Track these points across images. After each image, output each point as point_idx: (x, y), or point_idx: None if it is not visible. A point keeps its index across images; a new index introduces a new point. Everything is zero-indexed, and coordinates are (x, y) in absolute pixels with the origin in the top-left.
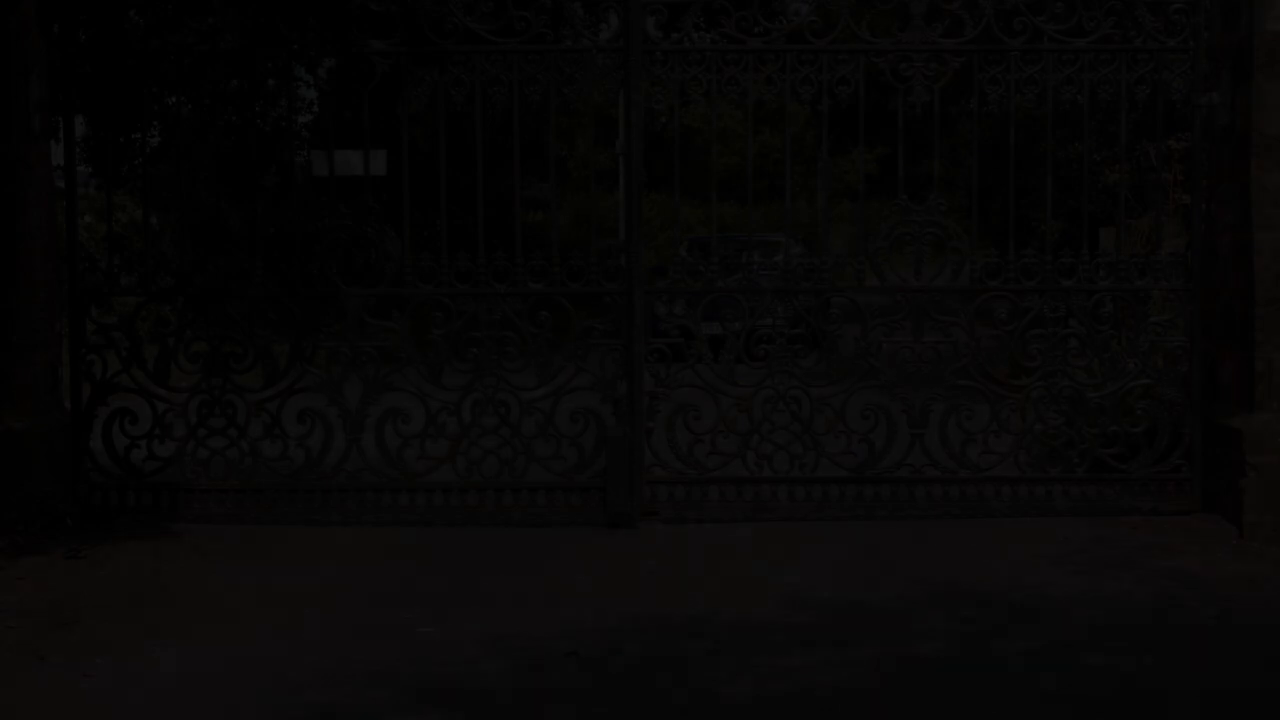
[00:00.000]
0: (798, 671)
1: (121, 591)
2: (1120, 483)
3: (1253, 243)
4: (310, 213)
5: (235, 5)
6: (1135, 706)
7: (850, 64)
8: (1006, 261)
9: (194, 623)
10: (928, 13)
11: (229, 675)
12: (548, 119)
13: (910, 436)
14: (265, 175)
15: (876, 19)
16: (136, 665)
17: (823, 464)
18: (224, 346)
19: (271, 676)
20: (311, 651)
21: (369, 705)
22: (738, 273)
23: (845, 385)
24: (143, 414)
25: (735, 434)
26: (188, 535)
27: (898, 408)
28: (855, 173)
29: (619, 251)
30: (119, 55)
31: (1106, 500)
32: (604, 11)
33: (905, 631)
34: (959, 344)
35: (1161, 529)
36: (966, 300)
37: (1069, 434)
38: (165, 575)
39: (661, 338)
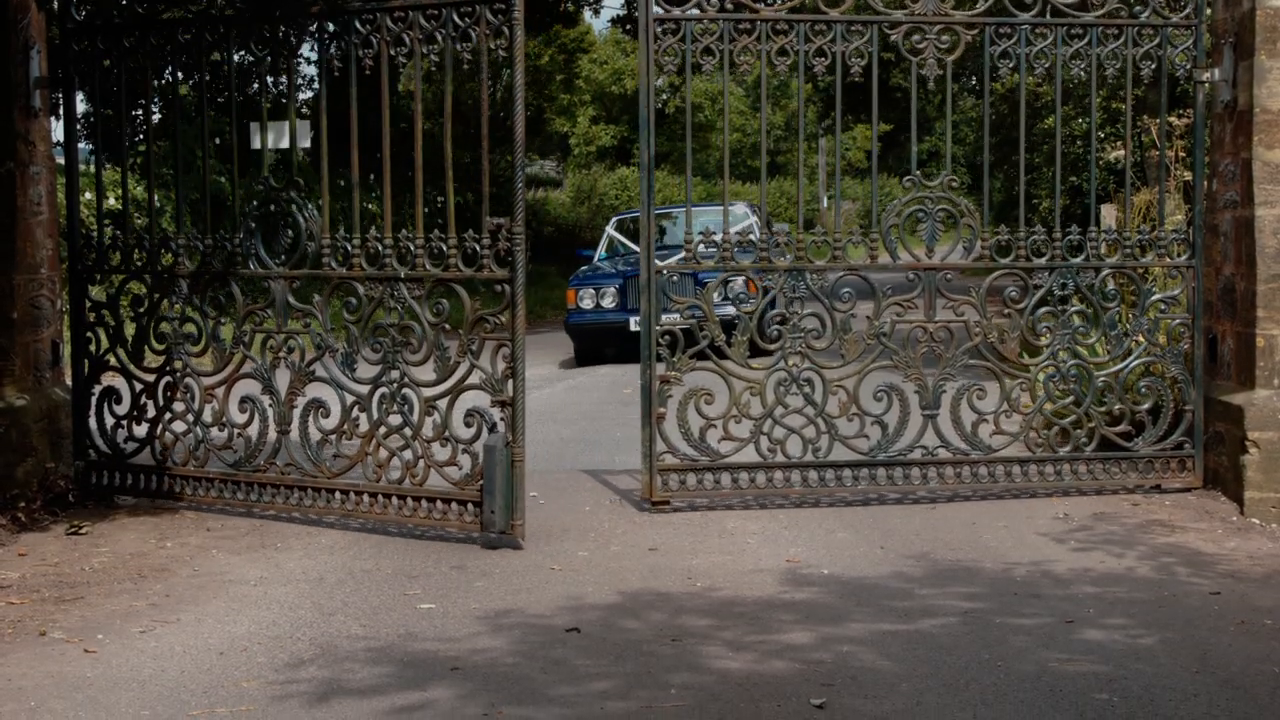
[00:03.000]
0: (797, 649)
1: (123, 568)
2: (1127, 460)
3: (1254, 219)
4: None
5: None
6: (1135, 682)
7: (864, 35)
8: (1016, 238)
9: (196, 600)
10: None
11: (232, 651)
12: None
13: (923, 418)
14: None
15: None
16: (139, 642)
17: (836, 448)
18: (182, 327)
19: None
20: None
21: None
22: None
23: (859, 366)
24: (125, 394)
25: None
26: (189, 513)
27: (911, 388)
28: (856, 150)
29: (511, 233)
30: (117, 30)
31: (1114, 478)
32: None
33: (907, 609)
34: (970, 323)
35: (1162, 506)
36: (977, 279)
37: (1077, 413)
38: (167, 552)
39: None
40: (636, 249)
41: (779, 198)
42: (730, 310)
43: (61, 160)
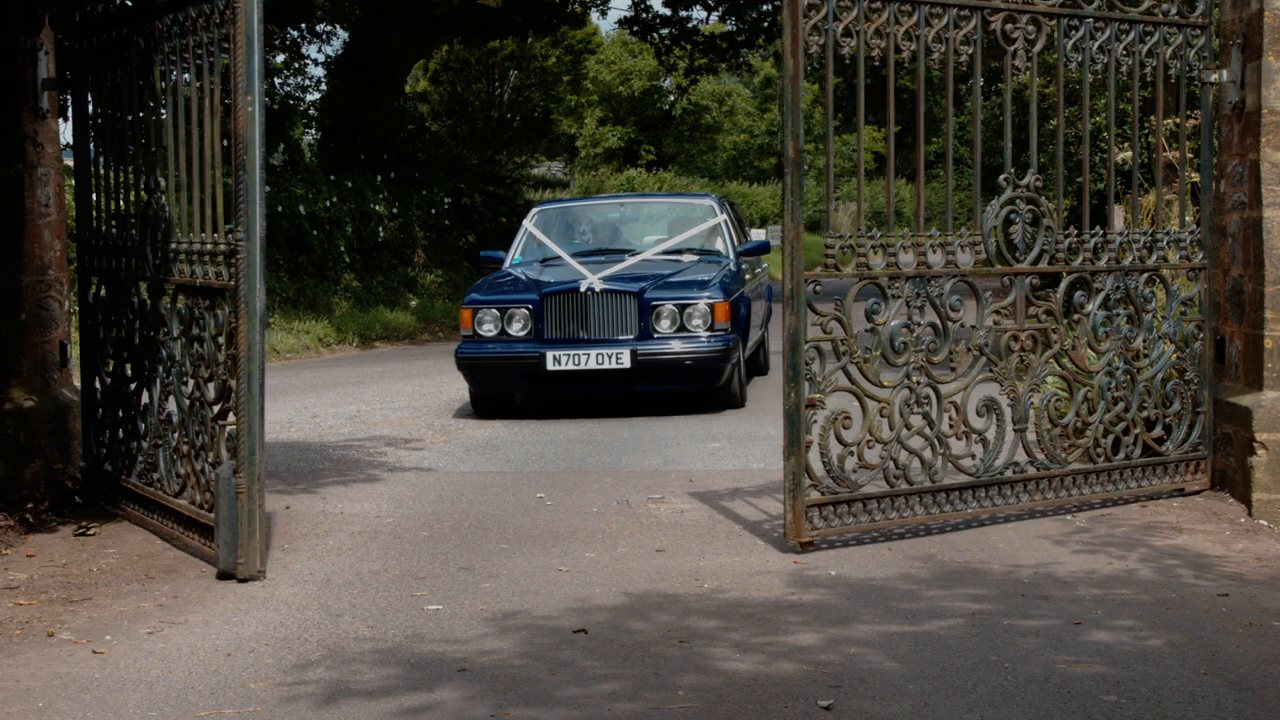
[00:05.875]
0: (804, 651)
1: (131, 569)
2: (1160, 465)
3: (1262, 220)
4: None
5: None
6: (1143, 684)
7: (970, 21)
8: (1083, 241)
9: (204, 601)
10: None
11: (239, 653)
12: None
13: (1014, 432)
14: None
15: None
16: (146, 643)
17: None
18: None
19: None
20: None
21: None
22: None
23: (967, 380)
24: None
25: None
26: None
27: (1005, 401)
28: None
29: (237, 240)
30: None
31: (1152, 484)
32: None
33: (914, 610)
34: (1050, 330)
35: (1169, 507)
36: (1053, 282)
37: (1126, 420)
38: (175, 554)
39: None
40: (562, 253)
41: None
42: (677, 346)
43: (69, 162)
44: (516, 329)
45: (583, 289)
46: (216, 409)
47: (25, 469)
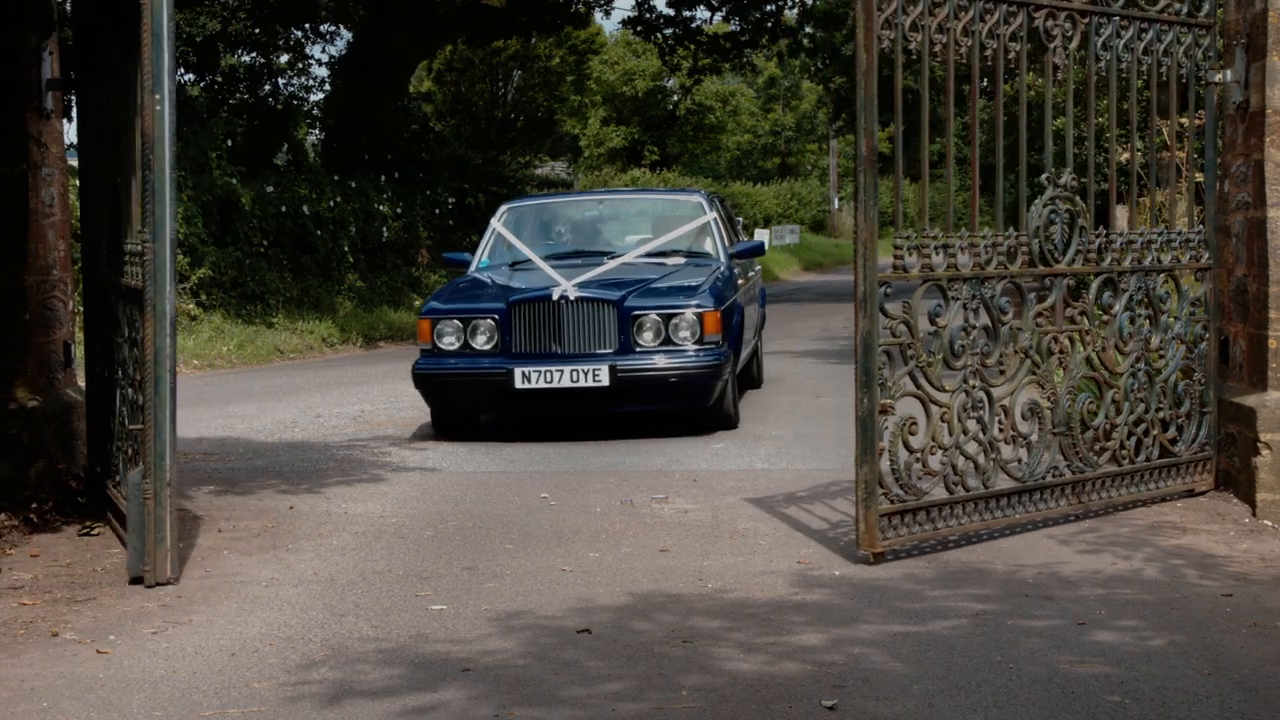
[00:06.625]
0: (809, 651)
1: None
2: (1174, 466)
3: (1266, 220)
4: None
5: None
6: (1147, 684)
7: (1017, 18)
8: (1110, 241)
9: (208, 601)
10: None
11: (244, 652)
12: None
13: (1052, 436)
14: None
15: None
16: (150, 643)
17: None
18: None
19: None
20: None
21: None
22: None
23: (1015, 383)
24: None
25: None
26: (201, 514)
27: (1045, 404)
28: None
29: (143, 243)
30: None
31: (1167, 485)
32: None
33: (918, 610)
34: (1082, 331)
35: (1173, 507)
36: (1081, 283)
37: (1147, 421)
38: (179, 554)
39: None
40: (533, 255)
41: (790, 199)
42: (662, 361)
43: (74, 162)
44: (481, 342)
45: (555, 297)
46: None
47: (29, 469)
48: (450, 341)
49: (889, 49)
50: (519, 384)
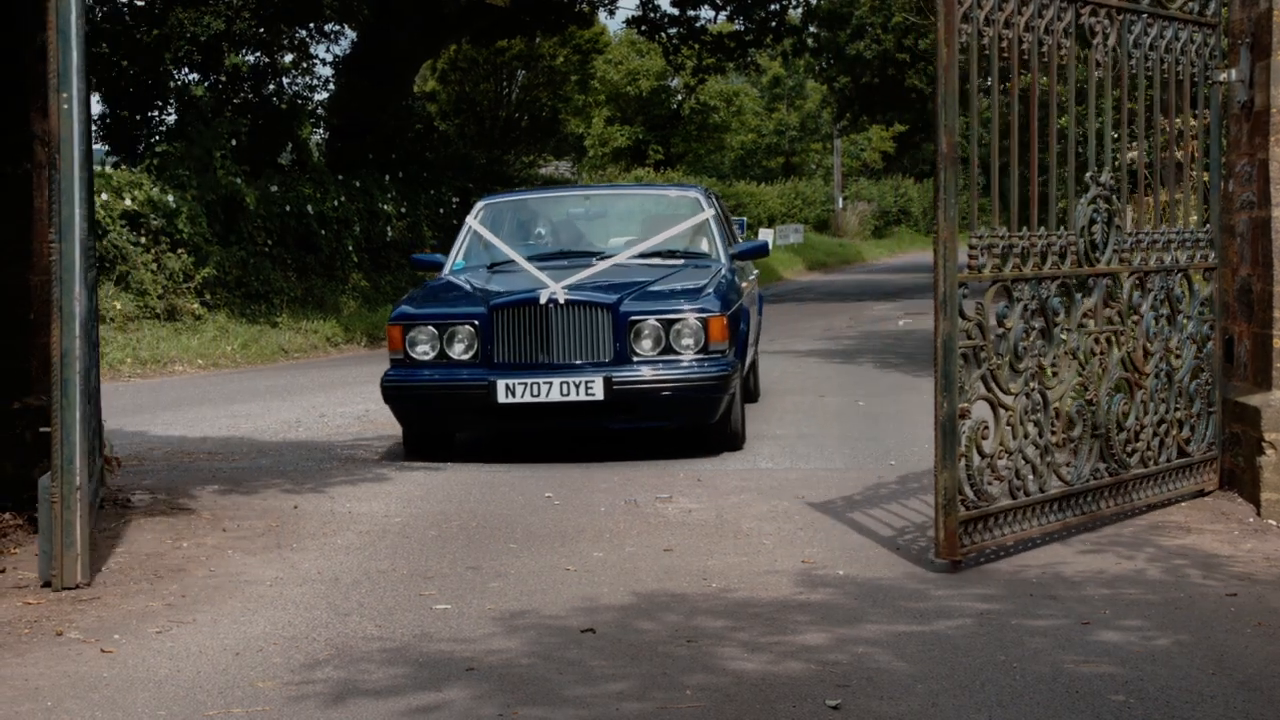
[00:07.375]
0: (813, 650)
1: (139, 569)
2: (1189, 466)
3: (1270, 220)
4: None
5: None
6: (1151, 684)
7: (1067, 14)
8: (1139, 241)
9: (212, 600)
10: None
11: (248, 652)
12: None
13: (1092, 439)
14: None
15: None
16: (155, 642)
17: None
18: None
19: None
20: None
21: None
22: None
23: (1065, 386)
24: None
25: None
26: (205, 514)
27: (1088, 406)
28: (871, 152)
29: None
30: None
31: (1183, 485)
32: None
33: (922, 610)
34: (1115, 332)
35: (1178, 507)
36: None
37: (1169, 421)
38: (183, 553)
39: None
40: (516, 255)
41: (794, 199)
42: (663, 372)
43: None
44: (459, 351)
45: (543, 300)
46: None
47: (33, 468)
48: (424, 350)
49: (965, 43)
50: (502, 398)
